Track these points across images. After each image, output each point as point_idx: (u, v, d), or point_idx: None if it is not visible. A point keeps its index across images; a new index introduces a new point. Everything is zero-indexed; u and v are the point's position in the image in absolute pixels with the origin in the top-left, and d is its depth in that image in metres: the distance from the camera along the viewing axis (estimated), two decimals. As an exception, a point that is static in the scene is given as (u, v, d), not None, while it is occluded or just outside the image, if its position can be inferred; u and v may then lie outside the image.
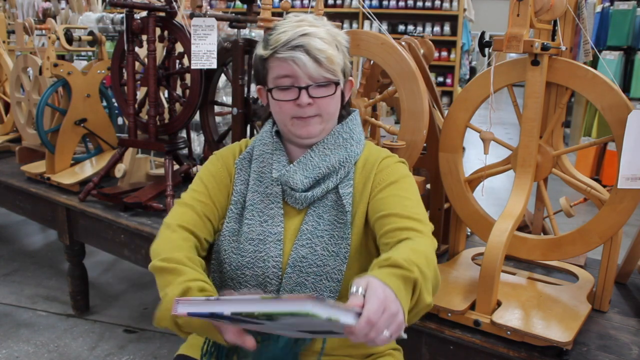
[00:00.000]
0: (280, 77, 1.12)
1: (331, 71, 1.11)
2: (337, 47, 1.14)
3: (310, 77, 1.10)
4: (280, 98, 1.13)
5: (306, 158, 1.17)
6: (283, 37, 1.10)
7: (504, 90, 1.73)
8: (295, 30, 1.10)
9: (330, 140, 1.18)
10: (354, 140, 1.20)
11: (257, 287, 1.14)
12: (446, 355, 1.47)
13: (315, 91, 1.12)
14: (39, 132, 2.69)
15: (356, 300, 0.80)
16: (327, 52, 1.10)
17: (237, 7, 5.09)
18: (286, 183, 1.16)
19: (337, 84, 1.14)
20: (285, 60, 1.10)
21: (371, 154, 1.22)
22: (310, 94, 1.11)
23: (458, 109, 1.67)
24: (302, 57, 1.08)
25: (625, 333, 1.44)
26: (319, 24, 1.14)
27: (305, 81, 1.10)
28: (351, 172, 1.18)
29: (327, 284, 1.12)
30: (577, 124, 5.51)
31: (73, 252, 2.60)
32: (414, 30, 8.21)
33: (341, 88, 1.17)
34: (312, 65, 1.09)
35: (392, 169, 1.17)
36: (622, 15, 4.83)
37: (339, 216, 1.14)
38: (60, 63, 2.59)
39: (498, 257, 1.41)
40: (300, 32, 1.10)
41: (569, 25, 1.57)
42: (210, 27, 2.07)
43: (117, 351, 2.39)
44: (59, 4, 4.39)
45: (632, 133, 1.37)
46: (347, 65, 1.18)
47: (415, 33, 4.40)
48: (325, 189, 1.15)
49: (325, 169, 1.15)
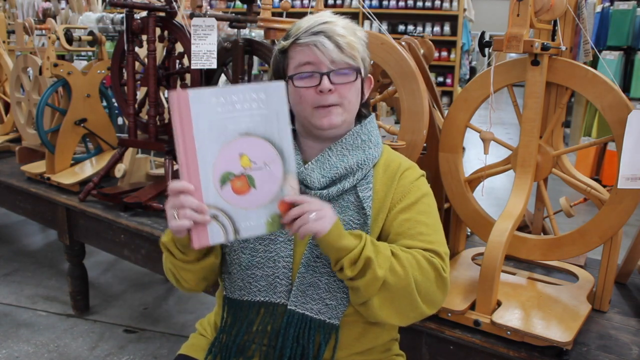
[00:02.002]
0: (302, 64, 1.11)
1: (352, 57, 1.11)
2: (358, 37, 1.14)
3: (332, 62, 1.09)
4: (301, 85, 1.11)
5: (324, 157, 1.15)
6: (304, 24, 1.11)
7: (504, 90, 1.73)
8: (315, 19, 1.12)
9: (349, 141, 1.16)
10: (372, 143, 1.18)
11: (267, 288, 1.13)
12: (446, 355, 1.47)
13: (336, 77, 1.10)
14: (39, 132, 2.69)
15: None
16: (348, 38, 1.10)
17: (237, 7, 5.09)
18: (302, 181, 1.14)
19: (358, 71, 1.12)
20: (308, 45, 1.09)
21: (391, 159, 1.20)
22: (331, 80, 1.10)
23: (458, 109, 1.67)
24: (325, 41, 1.08)
25: (625, 333, 1.44)
26: (338, 17, 1.15)
27: (327, 66, 1.09)
28: (370, 175, 1.16)
29: (341, 285, 1.11)
30: (577, 124, 5.51)
31: (73, 252, 2.60)
32: (414, 30, 8.21)
33: (361, 78, 1.15)
34: (334, 50, 1.08)
35: (414, 187, 1.16)
36: (622, 15, 4.83)
37: (356, 218, 1.13)
38: (60, 63, 2.60)
39: (498, 257, 1.41)
40: (321, 21, 1.11)
41: (569, 25, 1.57)
42: (210, 27, 2.07)
43: (117, 351, 2.39)
44: (59, 4, 4.39)
45: (632, 133, 1.37)
46: (367, 60, 1.17)
47: (415, 33, 4.40)
48: (342, 188, 1.14)
49: (342, 169, 1.13)
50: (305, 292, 1.11)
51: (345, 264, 1.02)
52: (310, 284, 1.11)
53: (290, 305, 1.11)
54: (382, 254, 1.03)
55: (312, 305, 1.11)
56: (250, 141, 0.98)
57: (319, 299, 1.11)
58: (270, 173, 0.99)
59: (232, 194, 0.97)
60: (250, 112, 0.98)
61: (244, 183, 0.98)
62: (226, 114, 0.97)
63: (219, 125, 0.96)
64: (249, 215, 0.98)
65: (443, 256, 1.10)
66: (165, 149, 2.31)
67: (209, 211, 0.96)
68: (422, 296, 1.06)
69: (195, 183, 0.95)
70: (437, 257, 1.09)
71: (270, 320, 1.12)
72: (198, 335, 1.30)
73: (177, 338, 2.50)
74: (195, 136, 0.95)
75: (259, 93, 0.98)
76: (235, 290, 1.16)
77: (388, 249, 1.05)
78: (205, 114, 0.96)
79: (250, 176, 0.98)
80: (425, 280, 1.06)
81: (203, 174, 0.96)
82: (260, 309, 1.13)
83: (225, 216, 0.97)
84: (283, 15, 1.99)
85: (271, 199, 0.99)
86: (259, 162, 0.98)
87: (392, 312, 1.07)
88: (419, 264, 1.05)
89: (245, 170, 0.98)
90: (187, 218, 0.94)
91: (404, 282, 1.03)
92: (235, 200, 0.97)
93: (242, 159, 0.98)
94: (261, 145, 0.99)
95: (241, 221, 0.98)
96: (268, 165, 0.99)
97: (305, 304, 1.11)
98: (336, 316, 1.11)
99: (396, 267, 1.03)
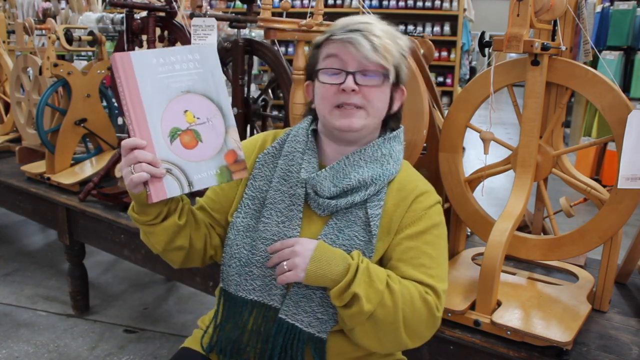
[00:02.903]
0: (331, 59, 1.09)
1: (385, 59, 1.07)
2: (396, 45, 1.11)
3: (361, 63, 1.07)
4: (325, 81, 1.09)
5: (339, 165, 1.12)
6: (342, 22, 1.10)
7: (504, 90, 1.73)
8: (357, 18, 1.10)
9: (368, 152, 1.12)
10: (392, 159, 1.14)
11: (262, 288, 1.12)
12: (446, 355, 1.47)
13: (362, 79, 1.08)
14: (39, 132, 2.69)
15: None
16: (384, 40, 1.07)
17: (237, 7, 5.09)
18: (313, 187, 1.12)
19: (385, 75, 1.09)
20: (342, 41, 1.07)
21: (408, 180, 1.16)
22: (357, 80, 1.07)
23: (458, 109, 1.67)
24: (359, 39, 1.05)
25: (625, 333, 1.44)
26: (382, 22, 1.13)
27: (355, 66, 1.07)
28: (382, 192, 1.12)
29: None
30: (577, 124, 5.51)
31: (73, 252, 2.60)
32: (414, 30, 8.20)
33: (390, 84, 1.12)
34: (368, 48, 1.05)
35: (426, 215, 1.12)
36: (622, 15, 4.83)
37: (362, 234, 1.10)
38: (60, 63, 2.59)
39: (498, 257, 1.41)
40: (361, 20, 1.09)
41: (569, 25, 1.57)
42: (210, 27, 2.07)
43: (117, 351, 2.39)
44: (59, 4, 4.39)
45: (632, 133, 1.37)
46: (403, 69, 1.14)
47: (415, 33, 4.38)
48: (352, 201, 1.10)
49: (356, 181, 1.10)
50: (298, 304, 1.09)
51: (332, 295, 1.02)
52: (305, 295, 1.09)
53: (281, 313, 1.10)
54: (374, 287, 1.01)
55: (302, 317, 1.09)
56: (192, 98, 1.04)
57: (311, 311, 1.09)
58: (213, 126, 1.05)
59: (182, 148, 1.03)
60: (189, 72, 1.04)
61: (191, 137, 1.04)
62: (167, 74, 1.03)
63: (162, 84, 1.02)
64: (200, 167, 1.04)
65: (440, 294, 1.07)
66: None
67: (162, 165, 1.00)
68: (408, 332, 1.05)
69: (147, 139, 1.00)
70: (434, 294, 1.06)
71: (263, 322, 1.12)
72: (200, 331, 1.30)
73: (177, 338, 2.50)
74: (142, 95, 1.00)
75: (193, 54, 1.05)
76: (232, 284, 1.15)
77: (384, 281, 1.02)
78: (149, 74, 1.01)
79: (196, 130, 1.04)
80: (415, 318, 1.04)
81: (153, 130, 1.01)
82: (254, 309, 1.12)
83: (178, 169, 1.02)
84: (283, 15, 1.99)
85: (217, 151, 1.05)
86: (202, 117, 1.05)
87: (374, 342, 1.06)
88: (412, 300, 1.03)
89: (191, 125, 1.04)
90: (144, 171, 0.97)
91: (392, 317, 1.02)
92: (185, 154, 1.03)
93: (187, 115, 1.04)
94: (202, 101, 1.05)
95: (193, 174, 1.03)
96: (210, 120, 1.05)
97: (296, 314, 1.09)
98: (325, 330, 1.09)
99: (387, 301, 1.01)
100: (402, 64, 1.14)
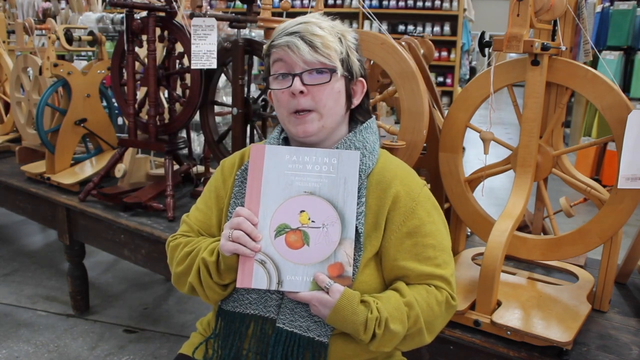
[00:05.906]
0: (277, 61, 1.10)
1: (326, 56, 1.07)
2: (340, 40, 1.11)
3: (305, 62, 1.07)
4: (275, 87, 1.11)
5: None
6: (281, 26, 1.11)
7: (504, 90, 1.73)
8: (295, 20, 1.10)
9: (340, 149, 1.12)
10: (367, 151, 1.13)
11: (257, 301, 1.11)
12: (446, 355, 1.47)
13: (309, 78, 1.08)
14: (39, 132, 2.69)
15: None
16: (324, 38, 1.07)
17: (237, 7, 5.09)
18: None
19: (332, 71, 1.08)
20: (281, 46, 1.08)
21: (387, 168, 1.14)
22: (303, 81, 1.07)
23: (458, 109, 1.67)
24: (297, 42, 1.06)
25: (625, 333, 1.44)
26: (324, 19, 1.12)
27: (301, 66, 1.07)
28: (363, 188, 1.10)
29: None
30: (577, 124, 5.51)
31: (73, 252, 2.60)
32: (414, 30, 8.20)
33: (339, 79, 1.10)
34: (306, 49, 1.06)
35: (418, 206, 1.11)
36: (622, 15, 4.83)
37: None
38: (60, 63, 2.60)
39: (498, 257, 1.41)
40: (299, 22, 1.09)
41: (569, 25, 1.57)
42: (210, 27, 2.07)
43: (117, 351, 2.39)
44: (59, 4, 4.40)
45: (632, 133, 1.37)
46: (354, 62, 1.14)
47: (415, 33, 4.39)
48: None
49: None
50: (294, 310, 1.08)
51: (358, 337, 1.05)
52: (299, 301, 1.08)
53: (279, 322, 1.09)
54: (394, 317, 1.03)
55: (300, 323, 1.08)
56: (313, 200, 1.04)
57: (308, 316, 1.08)
58: (327, 233, 1.03)
59: (284, 246, 1.03)
60: (319, 174, 1.05)
61: (298, 238, 1.03)
62: (296, 172, 1.05)
63: (286, 180, 1.04)
64: (297, 270, 1.03)
65: (451, 280, 1.10)
66: (165, 149, 2.31)
67: (257, 255, 1.02)
68: (431, 334, 1.10)
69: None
70: (446, 285, 1.09)
71: (261, 335, 1.11)
72: (198, 335, 1.29)
73: (177, 338, 2.50)
74: (263, 186, 1.04)
75: (331, 158, 1.05)
76: (229, 301, 1.14)
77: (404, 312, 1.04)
78: (276, 167, 1.05)
79: (306, 232, 1.03)
80: (436, 321, 1.09)
81: (262, 220, 1.03)
82: (251, 323, 1.11)
83: (272, 265, 1.03)
84: (283, 15, 1.99)
85: (322, 259, 1.03)
86: (317, 221, 1.03)
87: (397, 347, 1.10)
88: (430, 307, 1.07)
89: (302, 226, 1.03)
90: (235, 241, 1.01)
91: (414, 329, 1.06)
92: (287, 252, 1.03)
93: (302, 215, 1.03)
94: (323, 206, 1.04)
95: (287, 274, 1.03)
96: (326, 227, 1.03)
97: (293, 321, 1.08)
98: (325, 334, 1.08)
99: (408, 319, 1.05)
100: (351, 58, 1.13)
